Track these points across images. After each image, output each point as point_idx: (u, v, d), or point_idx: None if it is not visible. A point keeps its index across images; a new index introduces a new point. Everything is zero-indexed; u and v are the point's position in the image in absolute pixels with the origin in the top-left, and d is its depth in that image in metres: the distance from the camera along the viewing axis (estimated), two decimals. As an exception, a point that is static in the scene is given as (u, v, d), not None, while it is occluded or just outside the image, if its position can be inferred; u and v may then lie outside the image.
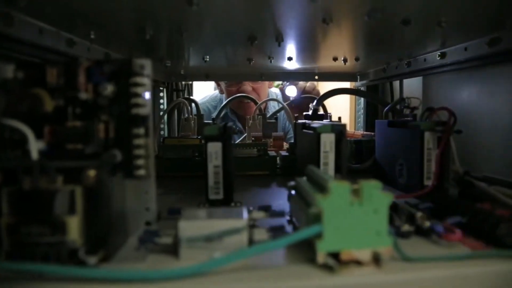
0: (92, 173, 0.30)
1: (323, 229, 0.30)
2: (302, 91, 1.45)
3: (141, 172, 0.34)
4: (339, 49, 0.70)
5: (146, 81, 0.35)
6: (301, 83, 1.46)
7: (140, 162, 0.34)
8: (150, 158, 0.35)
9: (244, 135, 1.09)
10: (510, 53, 0.53)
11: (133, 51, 0.70)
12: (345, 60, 0.78)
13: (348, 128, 1.32)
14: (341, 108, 1.58)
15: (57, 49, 0.50)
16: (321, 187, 0.34)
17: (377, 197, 0.30)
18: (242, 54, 0.73)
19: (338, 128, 0.49)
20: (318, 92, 1.49)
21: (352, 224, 0.30)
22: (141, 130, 0.34)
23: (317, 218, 0.30)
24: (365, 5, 0.41)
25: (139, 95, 0.34)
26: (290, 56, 0.75)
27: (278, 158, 0.76)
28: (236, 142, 1.09)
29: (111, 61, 0.35)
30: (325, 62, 0.84)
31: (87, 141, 0.34)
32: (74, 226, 0.30)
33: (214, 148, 0.47)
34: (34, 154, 0.31)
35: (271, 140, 0.96)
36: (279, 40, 0.56)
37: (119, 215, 0.35)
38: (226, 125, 0.50)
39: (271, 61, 0.76)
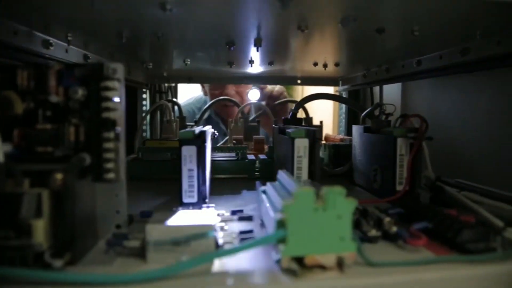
0: (59, 176, 0.31)
1: (287, 234, 0.30)
2: (269, 95, 1.45)
3: (111, 175, 0.35)
4: (318, 54, 0.70)
5: (117, 85, 0.35)
6: (269, 87, 1.46)
7: (110, 165, 0.34)
8: (120, 161, 0.35)
9: (226, 138, 1.10)
10: (480, 63, 0.55)
11: (114, 53, 0.70)
12: (325, 65, 0.79)
13: (331, 132, 1.33)
14: (325, 112, 1.59)
15: (32, 50, 0.50)
16: (288, 192, 0.35)
17: (341, 203, 0.31)
18: (222, 58, 0.73)
19: (311, 133, 0.50)
20: (285, 97, 1.49)
21: (316, 229, 0.31)
22: (111, 134, 0.34)
23: (282, 223, 0.31)
24: (338, 13, 0.42)
25: (109, 99, 0.34)
26: (271, 61, 0.76)
27: (257, 161, 0.76)
28: (219, 144, 1.10)
29: (82, 65, 0.35)
30: (306, 67, 0.85)
31: (57, 144, 0.35)
32: (40, 229, 0.30)
33: (189, 152, 0.48)
34: (0, 157, 0.31)
35: (253, 143, 0.96)
36: (258, 45, 0.56)
37: (88, 218, 0.35)
38: (201, 129, 0.51)
39: (251, 65, 0.76)
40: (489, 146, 0.62)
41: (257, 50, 0.57)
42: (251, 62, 0.74)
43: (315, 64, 0.78)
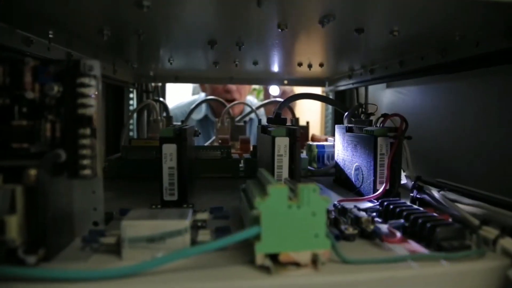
0: (32, 172, 0.30)
1: (261, 231, 0.30)
2: (283, 91, 1.51)
3: (87, 172, 0.35)
4: (302, 54, 0.71)
5: (93, 82, 0.35)
6: None
7: (86, 162, 0.34)
8: (96, 158, 0.35)
9: (213, 138, 1.10)
10: (460, 63, 0.55)
11: (98, 52, 0.70)
12: (310, 66, 0.79)
13: (318, 133, 1.34)
14: (314, 113, 1.60)
15: (12, 47, 0.49)
16: (264, 190, 0.35)
17: (315, 200, 0.31)
18: (206, 57, 0.73)
19: (292, 132, 0.50)
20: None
21: (290, 226, 0.31)
22: (87, 130, 0.34)
23: (256, 220, 0.31)
24: (316, 12, 0.42)
25: (85, 96, 0.34)
26: (256, 61, 0.76)
27: (241, 160, 0.76)
28: (207, 144, 1.10)
29: (58, 61, 0.35)
30: (291, 67, 0.85)
31: (33, 141, 0.34)
32: (13, 225, 0.30)
33: (169, 150, 0.48)
34: (-27, 153, 0.31)
35: (239, 143, 0.96)
36: (239, 44, 0.56)
37: (64, 215, 0.35)
38: (182, 127, 0.51)
39: (236, 65, 0.76)
40: (472, 146, 0.63)
41: (239, 49, 0.57)
42: (236, 62, 0.74)
43: (300, 64, 0.78)
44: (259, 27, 0.49)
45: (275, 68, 0.88)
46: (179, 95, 1.84)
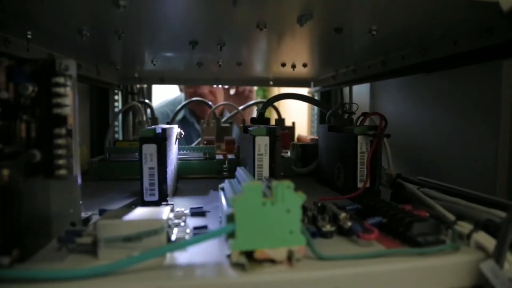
0: (5, 172, 0.30)
1: (235, 229, 0.31)
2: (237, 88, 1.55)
3: (62, 172, 0.34)
4: (284, 55, 0.71)
5: (68, 81, 0.35)
6: None
7: (61, 162, 0.34)
8: (72, 158, 0.35)
9: (199, 139, 1.10)
10: (439, 63, 0.56)
11: (81, 53, 0.70)
12: (293, 66, 0.80)
13: (305, 133, 1.34)
14: (301, 114, 1.60)
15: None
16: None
17: (290, 197, 0.31)
18: (189, 58, 0.73)
19: (272, 131, 0.50)
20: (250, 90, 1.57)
21: (265, 223, 0.31)
22: (63, 130, 0.34)
23: (231, 218, 0.31)
24: (293, 11, 0.42)
25: (61, 95, 0.34)
26: (239, 62, 0.76)
27: (225, 161, 0.76)
28: (193, 145, 1.10)
29: (33, 61, 0.34)
30: (276, 68, 0.86)
31: (8, 141, 0.34)
32: (-14, 226, 0.30)
33: (149, 150, 0.48)
34: None
35: (224, 143, 0.96)
36: (221, 44, 0.57)
37: (40, 216, 0.35)
38: (164, 128, 0.51)
39: (220, 66, 0.76)
40: (453, 144, 0.64)
41: (221, 50, 0.57)
42: (219, 62, 0.74)
43: (283, 64, 0.78)
44: (239, 27, 0.49)
45: (259, 68, 0.88)
46: (165, 95, 1.83)
